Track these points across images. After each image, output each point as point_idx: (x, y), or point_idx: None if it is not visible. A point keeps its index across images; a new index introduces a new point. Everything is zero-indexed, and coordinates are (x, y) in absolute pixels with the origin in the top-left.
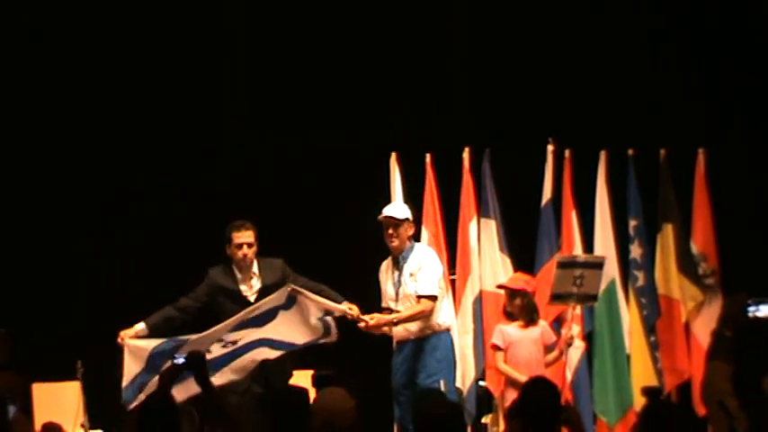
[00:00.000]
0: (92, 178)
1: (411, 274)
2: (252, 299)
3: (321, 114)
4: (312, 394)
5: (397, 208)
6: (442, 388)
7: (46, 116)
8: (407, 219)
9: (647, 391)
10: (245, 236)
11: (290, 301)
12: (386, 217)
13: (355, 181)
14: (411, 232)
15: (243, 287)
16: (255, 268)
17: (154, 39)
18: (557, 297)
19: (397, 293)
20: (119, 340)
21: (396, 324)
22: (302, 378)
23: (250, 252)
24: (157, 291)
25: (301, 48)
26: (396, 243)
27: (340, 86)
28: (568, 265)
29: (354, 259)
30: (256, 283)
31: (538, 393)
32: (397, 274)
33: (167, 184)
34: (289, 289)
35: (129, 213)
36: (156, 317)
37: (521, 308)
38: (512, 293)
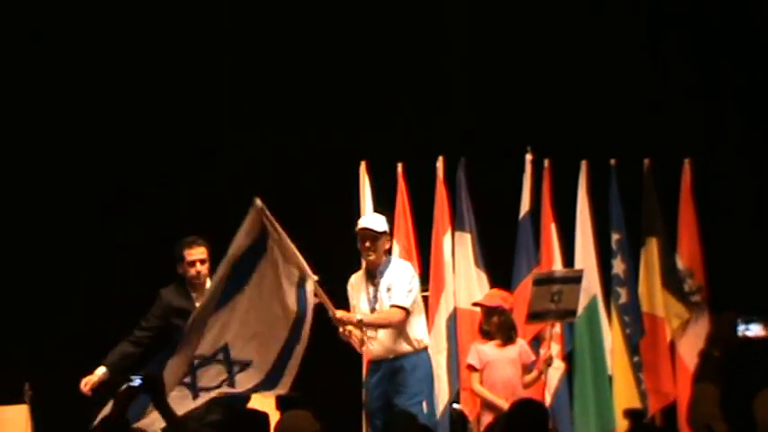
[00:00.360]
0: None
1: (388, 289)
2: None
3: (284, 120)
4: (275, 418)
5: (375, 220)
6: (425, 409)
7: (44, 116)
8: (385, 232)
9: (630, 414)
10: (197, 252)
11: (262, 242)
12: (363, 229)
13: (322, 191)
14: (388, 246)
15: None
16: (209, 286)
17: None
18: (534, 316)
19: (372, 310)
20: (83, 388)
21: (360, 325)
22: (264, 401)
23: (203, 269)
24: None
25: (273, 53)
26: (372, 257)
27: (308, 90)
28: (545, 281)
29: (321, 273)
30: None
31: (525, 417)
32: (372, 289)
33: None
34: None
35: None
36: (114, 356)
37: (498, 326)
38: (488, 311)
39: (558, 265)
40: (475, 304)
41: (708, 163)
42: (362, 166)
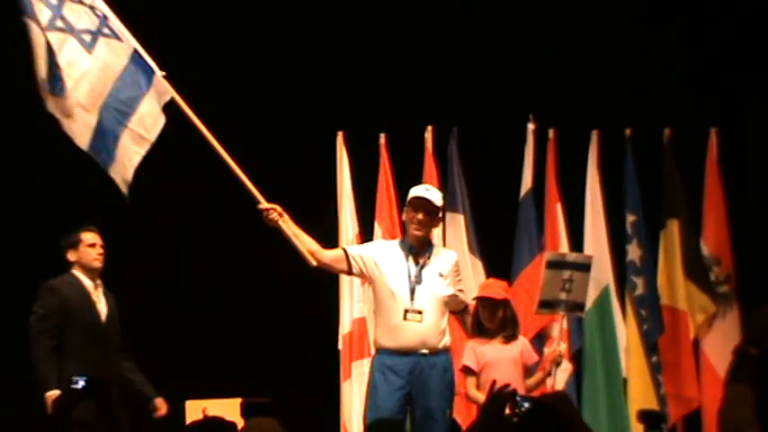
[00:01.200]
0: None
1: (441, 275)
2: (103, 309)
3: (260, 91)
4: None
5: (434, 193)
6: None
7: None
8: (441, 209)
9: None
10: (95, 236)
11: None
12: (420, 198)
13: (297, 166)
14: (438, 227)
15: (94, 297)
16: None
17: None
18: (545, 305)
19: (412, 291)
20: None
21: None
22: (229, 407)
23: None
24: None
25: (246, 19)
26: (421, 233)
27: (282, 55)
28: (557, 264)
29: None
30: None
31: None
32: (414, 267)
33: None
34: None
35: None
36: (52, 373)
37: (502, 321)
38: (494, 305)
39: (564, 251)
40: (479, 298)
41: (737, 133)
42: (340, 138)
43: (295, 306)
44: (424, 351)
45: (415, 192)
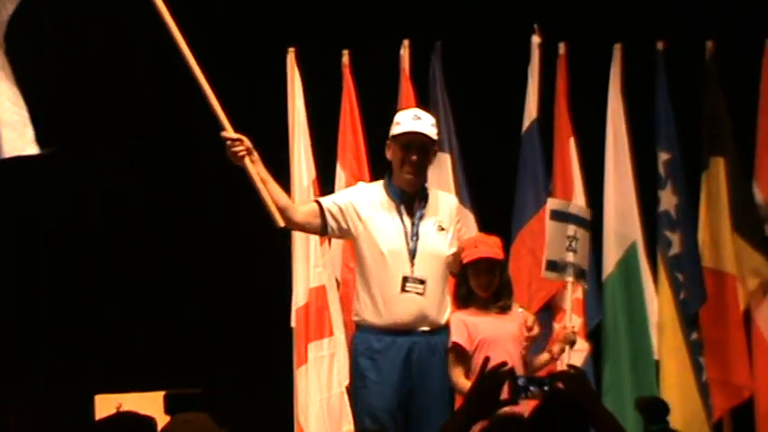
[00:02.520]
0: None
1: (442, 228)
2: None
3: None
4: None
5: (427, 119)
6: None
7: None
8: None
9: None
10: None
11: None
12: (415, 133)
13: (236, 94)
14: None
15: None
16: None
17: None
18: (552, 266)
19: (411, 250)
20: None
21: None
22: (149, 402)
23: None
24: None
25: None
26: (417, 177)
27: None
28: (562, 216)
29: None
30: None
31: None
32: (407, 220)
33: None
34: None
35: None
36: None
37: (500, 288)
38: (490, 268)
39: (580, 199)
40: (474, 260)
41: None
42: (291, 56)
43: (233, 273)
44: (424, 329)
45: (404, 123)
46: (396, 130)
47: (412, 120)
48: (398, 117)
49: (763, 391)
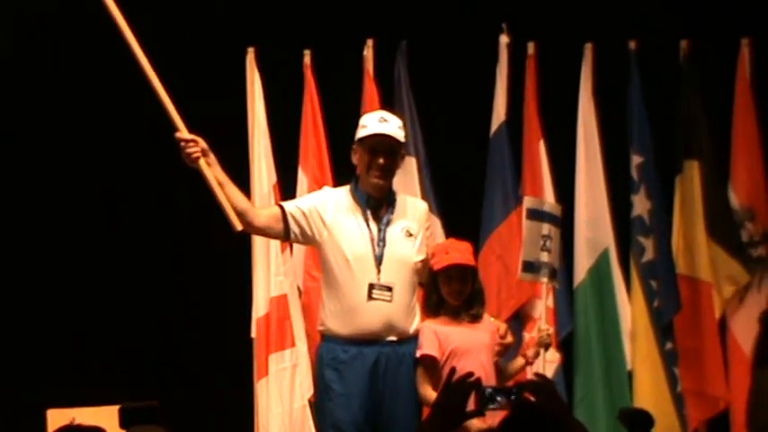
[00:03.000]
0: None
1: (410, 234)
2: None
3: None
4: None
5: (394, 122)
6: None
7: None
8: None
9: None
10: None
11: None
12: (382, 136)
13: (195, 95)
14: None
15: None
16: None
17: None
18: (528, 267)
19: (379, 257)
20: None
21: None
22: (104, 416)
23: None
24: None
25: None
26: (385, 181)
27: None
28: (538, 214)
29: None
30: None
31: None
32: (374, 225)
33: None
34: None
35: None
36: None
37: (471, 295)
38: (463, 275)
39: (549, 199)
40: (445, 267)
41: None
42: (250, 56)
43: (192, 282)
44: (392, 338)
45: (370, 126)
46: (362, 132)
47: (378, 122)
48: (364, 120)
49: (739, 401)
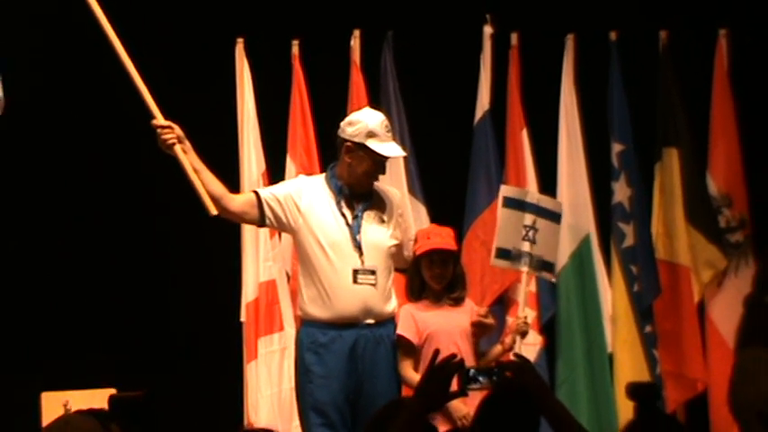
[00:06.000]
0: None
1: (382, 220)
2: None
3: None
4: None
5: (399, 146)
6: None
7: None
8: None
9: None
10: None
11: None
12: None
13: (184, 85)
14: None
15: None
16: None
17: None
18: (502, 254)
19: (356, 243)
20: None
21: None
22: (97, 398)
23: None
24: None
25: None
26: (373, 184)
27: None
28: (516, 203)
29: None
30: None
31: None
32: (348, 213)
33: None
34: None
35: None
36: None
37: (453, 279)
38: (445, 259)
39: (538, 192)
40: (428, 251)
41: (753, 36)
42: (239, 47)
43: (183, 268)
44: (369, 321)
45: (381, 136)
46: (373, 144)
47: (386, 132)
48: (371, 124)
49: (717, 383)
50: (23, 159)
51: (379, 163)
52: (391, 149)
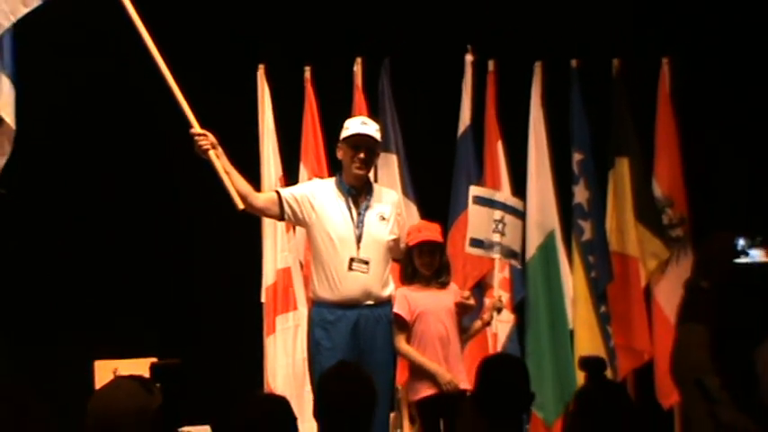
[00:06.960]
0: None
1: (383, 218)
2: None
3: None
4: None
5: (372, 125)
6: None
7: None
8: (380, 142)
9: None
10: None
11: None
12: (363, 135)
13: (214, 103)
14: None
15: None
16: None
17: None
18: (475, 243)
19: (359, 237)
20: None
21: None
22: (142, 366)
23: None
24: None
25: None
26: (363, 172)
27: None
28: (485, 201)
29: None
30: None
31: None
32: (354, 210)
33: None
34: None
35: None
36: None
37: (440, 267)
38: (432, 249)
39: (506, 192)
40: (419, 243)
41: (691, 64)
42: (260, 72)
43: (213, 255)
44: (369, 302)
45: (353, 127)
46: (345, 133)
47: (360, 125)
48: (348, 123)
49: (661, 354)
50: (84, 152)
51: (354, 147)
52: (354, 129)
